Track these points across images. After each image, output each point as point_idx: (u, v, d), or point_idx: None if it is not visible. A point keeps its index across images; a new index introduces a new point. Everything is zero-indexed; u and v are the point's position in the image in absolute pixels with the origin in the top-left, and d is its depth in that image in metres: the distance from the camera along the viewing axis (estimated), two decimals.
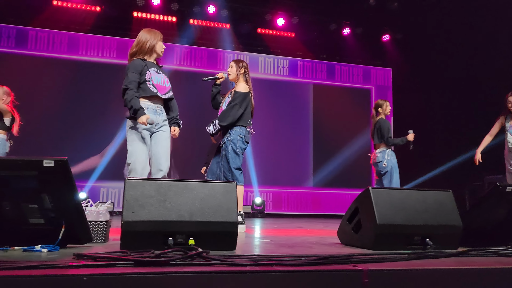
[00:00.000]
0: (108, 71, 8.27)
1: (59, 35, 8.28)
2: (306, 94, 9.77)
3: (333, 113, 9.76)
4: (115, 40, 8.59)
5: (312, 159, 9.55)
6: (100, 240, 2.54)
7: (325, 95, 9.84)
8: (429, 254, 2.14)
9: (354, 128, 9.79)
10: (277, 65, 9.71)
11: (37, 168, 1.96)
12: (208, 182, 2.37)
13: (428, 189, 2.71)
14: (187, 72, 8.98)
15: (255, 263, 1.72)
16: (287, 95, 9.65)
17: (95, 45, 8.46)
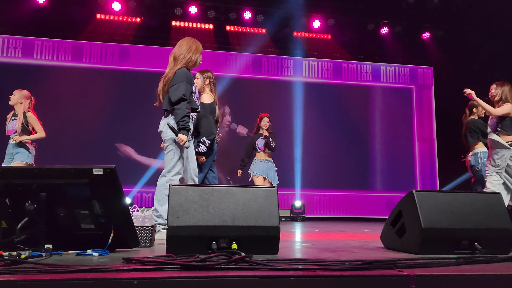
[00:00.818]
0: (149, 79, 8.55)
1: (104, 47, 8.63)
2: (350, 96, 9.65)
3: (378, 114, 9.60)
4: (155, 49, 8.86)
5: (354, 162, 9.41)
6: (146, 245, 2.63)
7: (365, 96, 9.68)
8: (479, 259, 2.06)
9: (396, 129, 9.58)
10: (320, 68, 9.66)
11: (88, 176, 2.07)
12: (250, 187, 2.40)
13: (476, 191, 2.61)
14: (224, 77, 9.11)
15: (298, 267, 1.72)
16: (336, 98, 9.57)
17: (137, 55, 8.75)
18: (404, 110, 9.78)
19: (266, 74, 9.39)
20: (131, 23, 8.63)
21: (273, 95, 9.29)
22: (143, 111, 8.39)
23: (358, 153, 9.45)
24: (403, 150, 9.54)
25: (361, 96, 9.67)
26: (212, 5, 8.72)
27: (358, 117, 9.57)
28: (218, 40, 9.14)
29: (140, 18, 8.62)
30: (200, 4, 8.64)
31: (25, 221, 2.09)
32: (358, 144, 9.48)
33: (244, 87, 9.19)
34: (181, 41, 3.63)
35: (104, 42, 8.62)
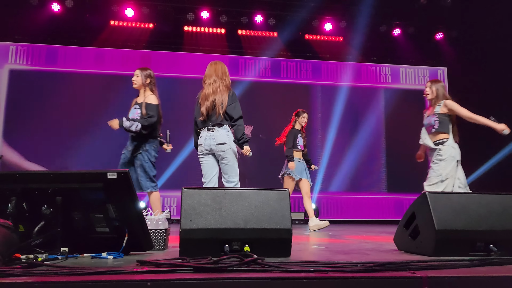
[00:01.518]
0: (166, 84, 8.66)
1: (119, 53, 8.76)
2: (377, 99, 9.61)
3: (393, 115, 9.52)
4: (168, 55, 8.95)
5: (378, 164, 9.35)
6: (160, 248, 2.65)
7: (380, 98, 9.62)
8: (494, 260, 2.04)
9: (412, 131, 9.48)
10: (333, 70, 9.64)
11: (102, 180, 2.11)
12: (262, 190, 2.41)
13: (492, 192, 2.58)
14: (237, 81, 9.15)
15: (310, 269, 1.73)
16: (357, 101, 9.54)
17: (151, 61, 8.86)
18: (419, 111, 9.67)
19: (278, 77, 9.41)
20: (144, 29, 8.74)
21: (285, 98, 9.29)
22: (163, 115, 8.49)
23: (374, 155, 9.38)
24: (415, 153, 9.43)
25: (374, 98, 9.61)
26: (224, 10, 8.78)
27: (373, 119, 9.50)
28: (230, 45, 9.19)
29: (153, 24, 8.72)
30: (212, 9, 8.71)
31: (42, 224, 2.14)
32: (374, 146, 9.41)
33: (257, 90, 9.21)
34: (216, 64, 4.07)
35: (118, 48, 8.74)
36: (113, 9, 8.29)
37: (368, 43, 9.59)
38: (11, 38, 8.35)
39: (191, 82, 8.92)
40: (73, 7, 8.07)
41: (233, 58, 9.27)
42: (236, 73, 9.20)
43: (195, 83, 8.85)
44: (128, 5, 8.28)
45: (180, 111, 8.61)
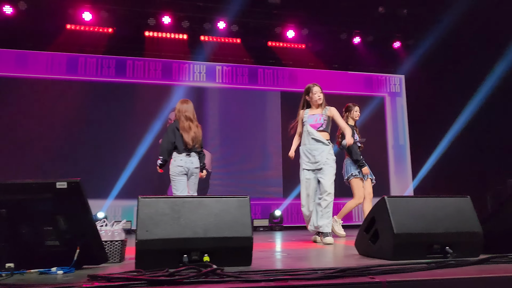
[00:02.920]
0: (124, 90, 8.45)
1: (75, 58, 8.47)
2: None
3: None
4: (128, 60, 8.75)
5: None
6: (116, 260, 2.54)
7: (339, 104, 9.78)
8: (450, 262, 2.08)
9: (372, 136, 9.69)
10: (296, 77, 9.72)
11: (51, 191, 1.99)
12: (222, 198, 2.36)
13: (446, 195, 2.65)
14: (199, 88, 9.06)
15: (270, 278, 1.69)
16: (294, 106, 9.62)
17: (108, 66, 8.62)
18: (377, 118, 9.93)
19: (241, 84, 9.39)
20: (103, 34, 8.50)
21: (248, 105, 9.29)
22: (117, 122, 8.27)
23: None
24: (376, 157, 9.65)
25: (335, 105, 9.76)
26: (186, 16, 8.69)
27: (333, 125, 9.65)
28: (192, 51, 9.10)
29: (112, 28, 8.50)
30: (174, 14, 8.59)
31: None
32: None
33: (220, 97, 9.17)
34: (190, 103, 4.75)
35: (74, 53, 8.45)
36: (69, 12, 8.02)
37: (329, 51, 9.77)
38: None
39: (152, 89, 8.76)
40: (27, 9, 7.73)
41: (195, 64, 9.18)
42: (199, 80, 9.12)
43: (156, 89, 8.74)
44: (86, 8, 8.04)
45: (143, 116, 8.44)
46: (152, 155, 8.14)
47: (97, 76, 8.51)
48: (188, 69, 9.15)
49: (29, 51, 8.25)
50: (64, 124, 8.09)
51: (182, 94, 8.79)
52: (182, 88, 8.90)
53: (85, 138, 8.18)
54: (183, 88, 8.91)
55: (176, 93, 8.79)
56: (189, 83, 9.02)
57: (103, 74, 8.57)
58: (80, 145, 8.12)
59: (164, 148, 4.53)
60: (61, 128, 8.07)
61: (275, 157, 9.17)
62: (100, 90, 8.43)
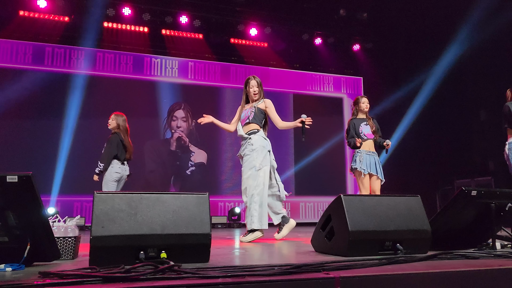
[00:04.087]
0: (79, 82, 8.16)
1: (24, 45, 8.09)
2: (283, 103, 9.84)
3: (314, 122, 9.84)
4: (84, 51, 8.45)
5: (292, 168, 9.61)
6: (69, 257, 2.47)
7: (300, 103, 9.93)
8: (400, 259, 2.17)
9: (328, 136, 9.91)
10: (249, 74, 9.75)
11: (1, 185, 1.90)
12: (180, 194, 2.34)
13: (398, 195, 2.76)
14: (158, 82, 8.91)
15: (227, 274, 1.70)
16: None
17: (62, 56, 8.29)
18: (335, 118, 10.17)
19: (203, 79, 9.33)
20: (59, 22, 8.17)
21: (207, 101, 9.25)
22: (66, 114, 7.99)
23: (287, 160, 9.65)
24: (334, 157, 9.89)
25: (292, 104, 9.90)
26: (147, 8, 8.52)
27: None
28: (153, 44, 8.94)
29: (69, 17, 8.19)
30: (134, 6, 8.41)
31: None
32: (289, 151, 9.69)
33: (180, 92, 9.07)
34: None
35: (27, 41, 8.06)
36: None
37: (291, 50, 9.89)
38: None
39: (110, 81, 8.51)
40: None
41: (156, 58, 9.02)
42: (159, 74, 8.97)
43: (115, 82, 8.50)
44: None
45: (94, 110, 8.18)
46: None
47: (48, 66, 8.16)
48: (146, 62, 8.97)
49: None
50: (14, 115, 7.72)
51: (141, 87, 8.62)
52: (139, 81, 8.73)
53: (36, 131, 7.85)
54: (140, 81, 8.73)
55: (133, 86, 8.60)
56: (146, 77, 8.85)
57: (55, 64, 8.23)
58: (31, 138, 7.78)
59: (107, 157, 5.15)
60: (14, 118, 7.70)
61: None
62: (54, 81, 8.11)
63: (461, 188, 2.62)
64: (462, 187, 2.63)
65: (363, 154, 4.84)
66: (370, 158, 4.84)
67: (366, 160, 4.80)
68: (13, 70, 7.92)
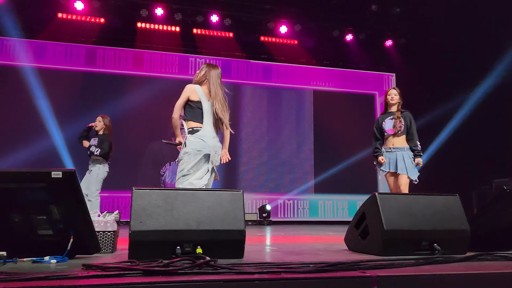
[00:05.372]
0: (117, 81, 8.39)
1: (68, 47, 8.38)
2: (308, 101, 9.78)
3: (337, 119, 9.74)
4: (119, 51, 8.67)
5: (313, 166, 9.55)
6: (108, 250, 2.55)
7: (328, 101, 9.84)
8: (438, 259, 2.13)
9: (359, 134, 9.78)
10: (278, 72, 9.74)
11: (46, 180, 1.98)
12: (215, 191, 2.38)
13: (435, 194, 2.70)
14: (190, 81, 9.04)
15: (263, 270, 1.71)
16: (289, 102, 9.68)
17: (100, 57, 8.54)
18: (368, 115, 10.02)
19: (233, 78, 9.39)
20: (95, 24, 8.42)
21: (240, 100, 9.31)
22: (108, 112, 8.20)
23: (324, 157, 9.58)
24: (366, 154, 9.74)
25: (326, 102, 9.82)
26: (179, 8, 8.64)
27: (322, 122, 9.71)
28: (184, 43, 9.07)
29: (104, 18, 8.42)
30: (167, 7, 8.54)
31: None
32: (324, 148, 9.62)
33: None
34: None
35: (66, 42, 8.35)
36: (61, 1, 7.92)
37: (321, 47, 9.80)
38: None
39: (143, 80, 8.70)
40: None
41: (187, 57, 9.14)
42: (191, 72, 9.09)
43: (147, 81, 8.68)
44: None
45: (132, 110, 8.39)
46: (149, 149, 8.12)
47: (89, 67, 8.43)
48: (179, 61, 9.10)
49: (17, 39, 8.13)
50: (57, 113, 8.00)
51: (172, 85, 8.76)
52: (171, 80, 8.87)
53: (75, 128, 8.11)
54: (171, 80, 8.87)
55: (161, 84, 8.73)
56: (179, 76, 8.98)
57: (95, 64, 8.49)
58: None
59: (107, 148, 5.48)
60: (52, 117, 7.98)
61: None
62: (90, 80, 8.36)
63: (503, 188, 2.54)
64: (504, 186, 2.54)
65: (384, 152, 4.52)
66: (391, 155, 4.47)
67: (386, 158, 4.49)
68: (51, 71, 8.21)
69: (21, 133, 7.81)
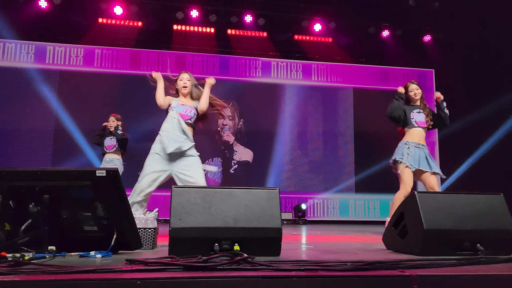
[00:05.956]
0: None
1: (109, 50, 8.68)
2: (347, 99, 9.66)
3: (376, 117, 9.56)
4: (156, 53, 8.89)
5: (354, 165, 9.42)
6: (149, 247, 2.63)
7: (367, 99, 9.65)
8: (481, 259, 2.06)
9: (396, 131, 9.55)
10: (315, 71, 9.67)
11: (91, 178, 2.08)
12: (252, 189, 2.41)
13: (478, 192, 2.62)
14: (226, 81, 9.14)
15: (300, 268, 1.73)
16: (328, 101, 9.59)
17: (137, 59, 8.79)
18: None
19: (267, 77, 9.42)
20: (133, 27, 8.67)
21: (274, 98, 9.33)
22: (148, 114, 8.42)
23: (361, 155, 9.43)
24: None
25: (365, 99, 9.65)
26: (213, 9, 8.76)
27: (361, 120, 9.55)
28: (219, 44, 9.17)
29: (142, 22, 8.66)
30: (201, 8, 8.67)
31: (29, 223, 2.11)
32: (362, 146, 9.46)
33: (246, 90, 9.22)
34: None
35: (106, 46, 8.66)
36: (101, 6, 8.21)
37: (357, 44, 9.66)
38: None
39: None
40: (61, 4, 7.96)
41: (222, 57, 9.25)
42: (225, 73, 9.19)
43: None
44: (117, 2, 8.21)
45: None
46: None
47: (125, 69, 8.69)
48: (214, 62, 9.22)
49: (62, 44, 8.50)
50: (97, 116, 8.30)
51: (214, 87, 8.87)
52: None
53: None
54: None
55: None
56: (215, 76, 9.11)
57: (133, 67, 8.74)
58: None
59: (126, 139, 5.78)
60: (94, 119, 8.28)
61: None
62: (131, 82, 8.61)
63: None
64: None
65: (412, 146, 4.27)
66: (419, 151, 4.27)
67: (415, 154, 4.23)
68: (93, 74, 8.53)
69: (66, 136, 8.13)
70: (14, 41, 8.27)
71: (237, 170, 8.96)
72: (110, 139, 5.84)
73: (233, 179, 8.79)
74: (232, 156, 8.97)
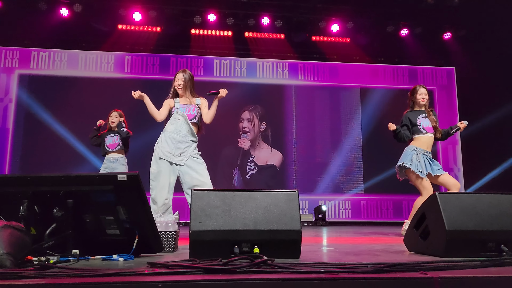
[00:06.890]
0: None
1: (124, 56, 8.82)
2: (367, 99, 9.57)
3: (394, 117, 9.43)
4: (176, 58, 9.00)
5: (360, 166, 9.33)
6: (170, 250, 2.67)
7: (386, 99, 9.53)
8: (505, 261, 2.02)
9: None
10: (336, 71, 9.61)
11: (113, 182, 2.12)
12: (271, 191, 2.41)
13: (502, 192, 2.56)
14: (246, 84, 9.17)
15: (320, 270, 1.72)
16: (347, 101, 9.52)
17: (156, 63, 8.91)
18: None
19: (286, 78, 9.41)
20: (152, 33, 8.80)
21: (293, 100, 9.31)
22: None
23: (381, 156, 9.31)
24: None
25: (382, 99, 9.54)
26: (230, 13, 8.80)
27: (380, 119, 9.44)
28: (237, 47, 9.22)
29: (161, 27, 8.77)
30: (219, 12, 8.73)
31: (53, 227, 2.16)
32: (381, 147, 9.35)
33: (265, 92, 9.24)
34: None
35: (126, 52, 8.81)
36: (120, 13, 8.35)
37: (375, 44, 9.56)
38: (21, 43, 8.46)
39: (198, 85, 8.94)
40: (81, 11, 8.14)
41: (240, 60, 9.29)
42: (243, 75, 9.23)
43: (202, 85, 8.92)
44: (136, 9, 8.34)
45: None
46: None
47: (147, 73, 8.83)
48: (232, 64, 9.27)
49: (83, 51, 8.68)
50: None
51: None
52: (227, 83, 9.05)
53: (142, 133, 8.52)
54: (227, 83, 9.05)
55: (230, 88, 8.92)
56: (234, 79, 9.15)
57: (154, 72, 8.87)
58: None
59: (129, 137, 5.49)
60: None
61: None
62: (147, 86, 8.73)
63: None
64: None
65: (420, 154, 4.26)
66: (425, 158, 4.29)
67: (422, 161, 4.23)
68: (114, 80, 8.68)
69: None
70: (47, 49, 8.51)
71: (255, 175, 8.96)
72: (112, 136, 5.36)
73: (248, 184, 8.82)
74: (246, 162, 8.96)
